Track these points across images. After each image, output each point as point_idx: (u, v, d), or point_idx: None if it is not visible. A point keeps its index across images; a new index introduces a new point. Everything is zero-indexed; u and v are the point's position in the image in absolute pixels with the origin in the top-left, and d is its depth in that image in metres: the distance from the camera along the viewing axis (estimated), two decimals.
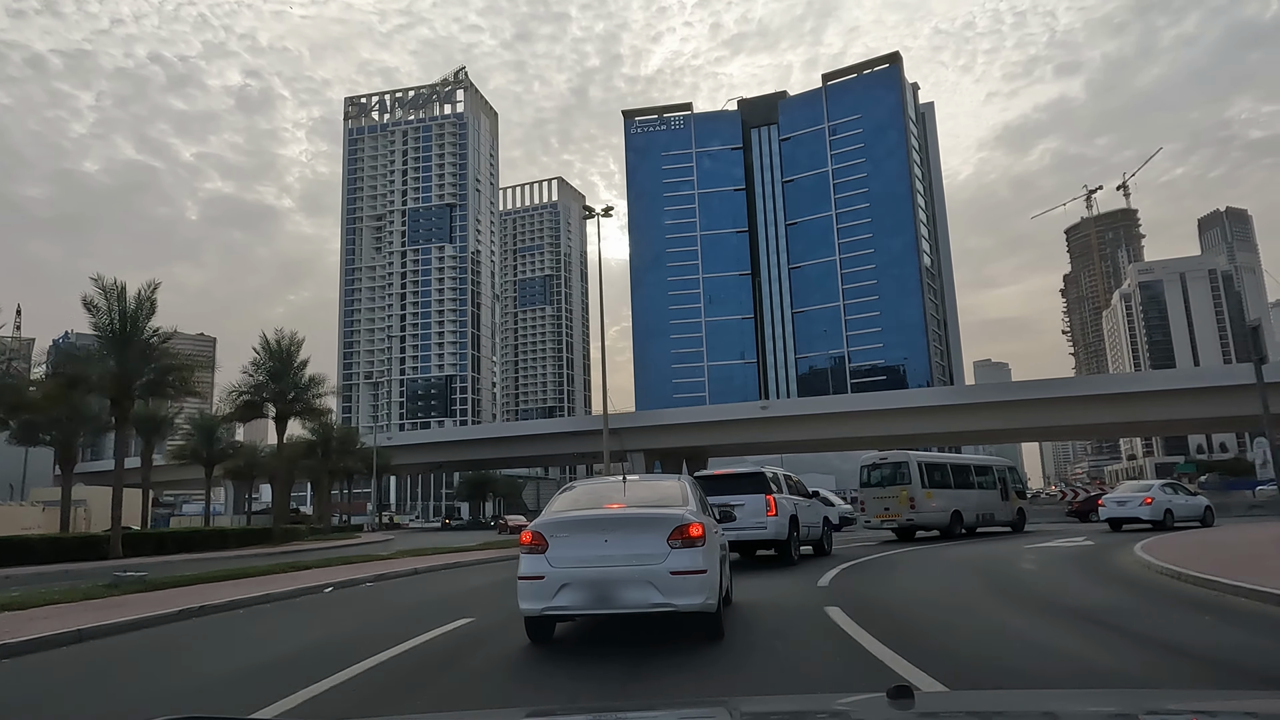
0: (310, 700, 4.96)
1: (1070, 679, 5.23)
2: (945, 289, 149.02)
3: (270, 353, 31.53)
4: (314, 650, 7.07)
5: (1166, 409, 49.38)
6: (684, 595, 6.05)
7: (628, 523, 6.43)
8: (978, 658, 5.99)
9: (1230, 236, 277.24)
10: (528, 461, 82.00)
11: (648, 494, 7.33)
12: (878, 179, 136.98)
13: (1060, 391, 53.75)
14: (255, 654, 7.19)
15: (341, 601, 10.75)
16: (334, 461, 47.50)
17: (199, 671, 6.41)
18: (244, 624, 9.15)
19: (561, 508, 6.90)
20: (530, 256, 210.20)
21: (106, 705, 5.49)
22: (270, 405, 31.38)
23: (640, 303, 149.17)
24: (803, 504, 15.88)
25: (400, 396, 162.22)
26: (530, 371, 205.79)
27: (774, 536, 14.24)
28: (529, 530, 6.48)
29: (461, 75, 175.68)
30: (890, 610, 8.39)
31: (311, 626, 8.90)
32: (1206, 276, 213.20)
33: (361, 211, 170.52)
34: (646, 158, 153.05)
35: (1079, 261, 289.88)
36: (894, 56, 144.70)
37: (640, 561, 6.09)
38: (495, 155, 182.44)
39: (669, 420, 64.81)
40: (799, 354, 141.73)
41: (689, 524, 6.26)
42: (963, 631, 7.16)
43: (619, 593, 6.05)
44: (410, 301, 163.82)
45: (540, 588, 6.17)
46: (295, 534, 38.62)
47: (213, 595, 10.76)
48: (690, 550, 6.15)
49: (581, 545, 6.21)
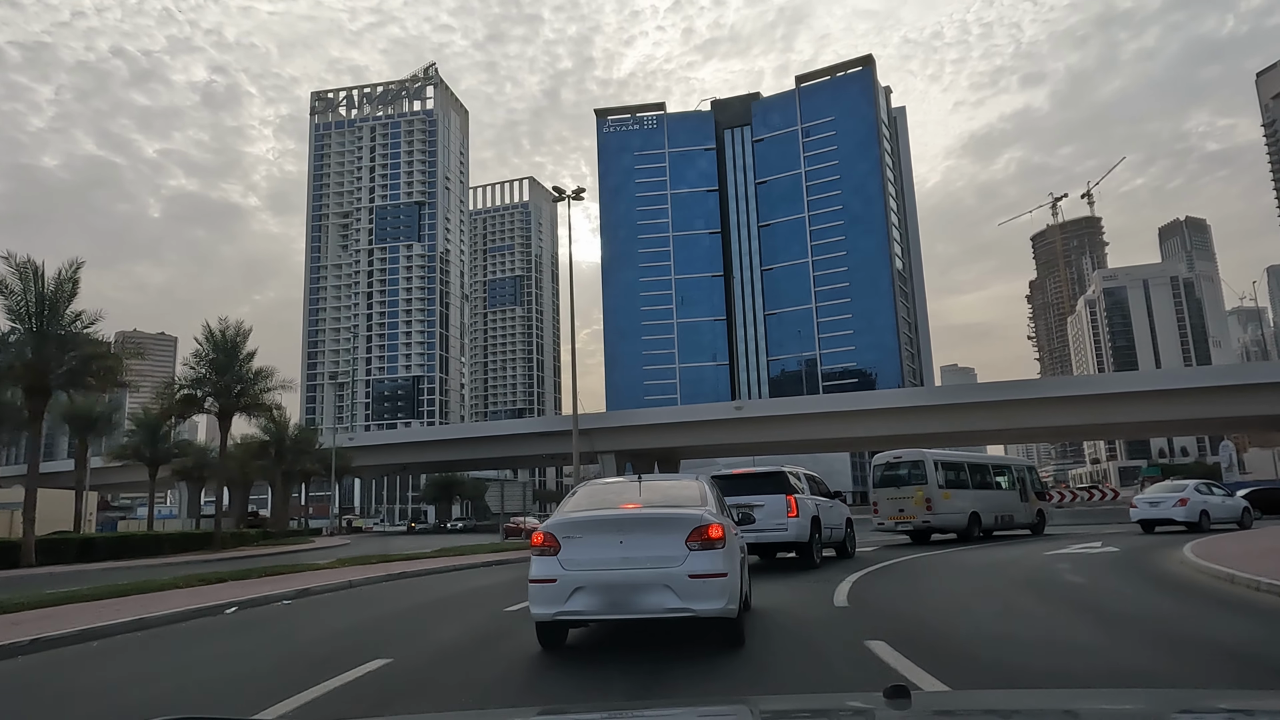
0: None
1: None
2: (916, 293, 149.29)
3: (214, 343, 29.12)
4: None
5: (1133, 411, 49.54)
6: (703, 600, 5.78)
7: (644, 523, 6.15)
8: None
9: (1190, 245, 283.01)
10: (495, 463, 79.83)
11: (664, 493, 6.96)
12: (850, 181, 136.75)
13: (1031, 393, 53.69)
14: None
15: (235, 628, 8.75)
16: (289, 462, 45.00)
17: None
18: (73, 666, 6.85)
19: (574, 507, 6.62)
20: (501, 256, 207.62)
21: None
22: (213, 400, 29.06)
23: (611, 303, 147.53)
24: (825, 504, 15.23)
25: (366, 398, 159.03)
26: (500, 373, 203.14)
27: (795, 539, 13.73)
28: (540, 531, 6.22)
29: (431, 71, 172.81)
30: (934, 622, 7.64)
31: (154, 670, 6.61)
32: (1169, 283, 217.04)
33: (328, 209, 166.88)
34: (619, 157, 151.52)
35: (1044, 268, 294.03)
36: (867, 59, 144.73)
37: (657, 564, 5.84)
38: (465, 153, 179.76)
39: (641, 420, 63.18)
40: (771, 356, 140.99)
41: (709, 525, 5.99)
42: (1021, 650, 6.25)
43: (635, 597, 5.81)
44: (377, 301, 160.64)
45: (552, 591, 5.91)
46: (244, 539, 36.35)
47: (60, 623, 8.47)
48: (710, 552, 5.89)
49: (595, 547, 5.97)
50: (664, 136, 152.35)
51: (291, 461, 45.28)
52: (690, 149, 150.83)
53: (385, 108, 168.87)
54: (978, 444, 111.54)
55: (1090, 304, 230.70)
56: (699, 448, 65.23)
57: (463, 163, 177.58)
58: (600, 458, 62.20)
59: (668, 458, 68.13)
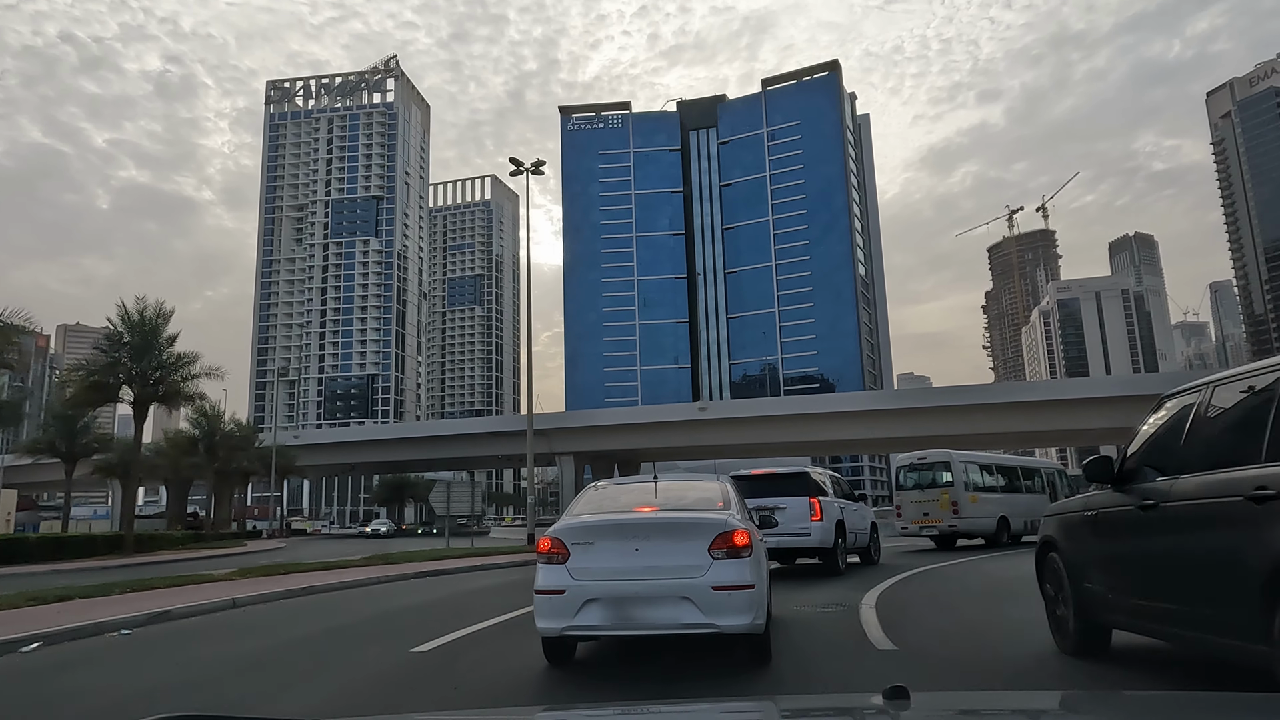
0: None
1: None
2: (877, 300, 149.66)
3: (129, 325, 26.18)
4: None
5: (1088, 417, 49.84)
6: (728, 614, 5.27)
7: (663, 529, 5.69)
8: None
9: (1138, 260, 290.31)
10: (449, 464, 77.03)
11: (683, 496, 6.51)
12: (815, 185, 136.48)
13: (991, 398, 54.00)
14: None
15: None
16: (223, 460, 41.86)
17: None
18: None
19: (584, 510, 6.14)
20: (461, 255, 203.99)
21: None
22: (126, 388, 26.13)
23: (573, 303, 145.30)
24: (850, 508, 14.57)
25: (318, 396, 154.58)
26: (458, 373, 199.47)
27: (819, 544, 13.02)
28: (546, 536, 5.70)
29: (392, 64, 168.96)
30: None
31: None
32: (1120, 296, 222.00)
33: (281, 201, 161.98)
34: (583, 156, 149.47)
35: (1000, 279, 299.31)
36: (833, 65, 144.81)
37: (678, 574, 5.35)
38: (426, 148, 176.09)
39: (601, 421, 61.07)
40: (733, 360, 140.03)
41: (734, 531, 5.52)
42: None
43: (652, 611, 5.32)
44: (332, 297, 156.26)
45: (560, 604, 5.40)
46: (166, 542, 33.32)
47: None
48: (736, 561, 5.41)
49: (609, 555, 5.47)
50: (629, 136, 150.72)
51: (225, 459, 42.17)
52: (655, 150, 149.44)
53: (344, 99, 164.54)
54: (940, 447, 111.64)
55: (1044, 314, 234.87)
56: (661, 450, 63.34)
57: (423, 158, 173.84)
58: (558, 459, 60.02)
59: (628, 460, 66.12)
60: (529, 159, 26.91)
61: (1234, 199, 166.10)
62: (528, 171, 25.84)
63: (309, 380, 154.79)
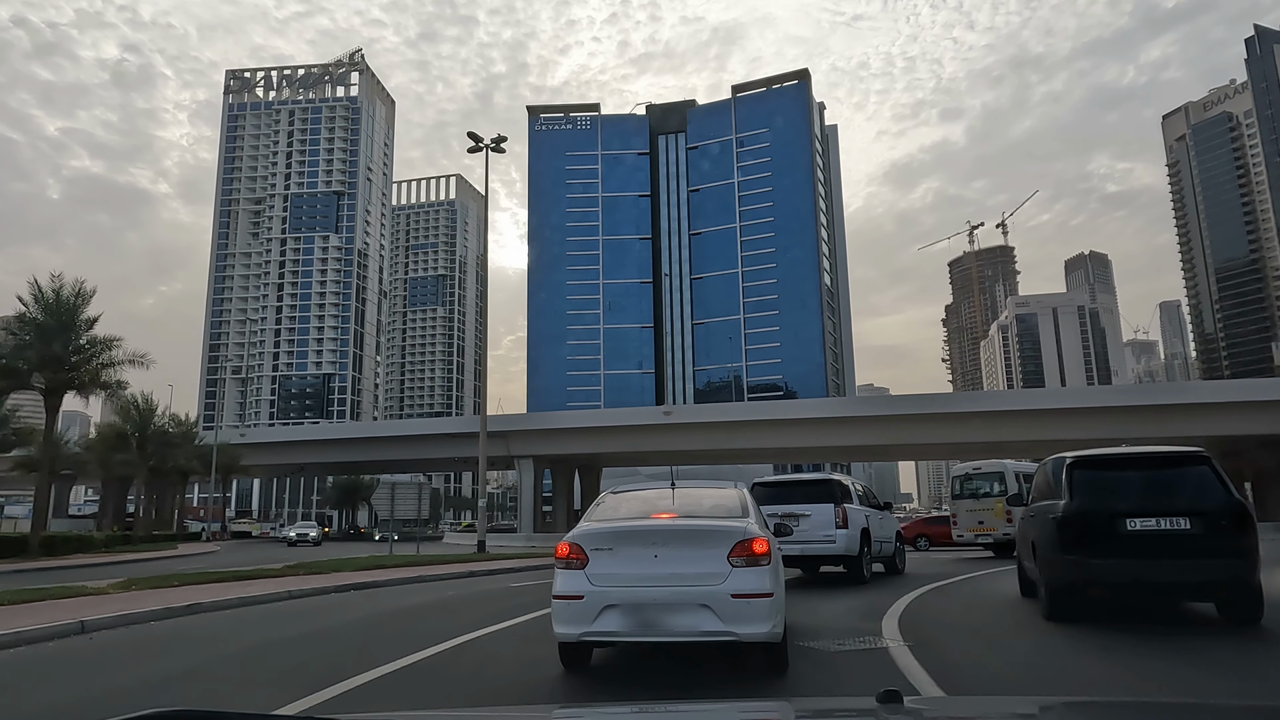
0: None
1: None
2: (842, 310, 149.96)
3: (43, 305, 23.62)
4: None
5: (1048, 428, 49.92)
6: (747, 622, 5.30)
7: (683, 536, 5.66)
8: None
9: (1093, 278, 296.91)
10: (404, 466, 74.48)
11: (701, 503, 6.41)
12: (782, 193, 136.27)
13: (953, 407, 54.22)
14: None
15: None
16: (156, 456, 39.08)
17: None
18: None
19: (603, 516, 6.15)
20: (423, 254, 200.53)
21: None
22: (38, 375, 23.57)
23: (537, 305, 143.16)
24: (875, 516, 14.38)
25: (272, 395, 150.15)
26: (418, 374, 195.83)
27: (844, 552, 12.82)
28: (565, 541, 5.72)
29: (357, 57, 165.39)
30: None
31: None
32: (1076, 312, 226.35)
33: (239, 194, 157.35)
34: (550, 157, 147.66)
35: (960, 293, 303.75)
36: (802, 74, 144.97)
37: (697, 581, 5.36)
38: (390, 145, 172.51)
39: (562, 424, 59.24)
40: (697, 366, 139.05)
41: (754, 539, 5.56)
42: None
43: (671, 618, 5.32)
44: (288, 294, 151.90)
45: (579, 609, 5.43)
46: (86, 543, 30.67)
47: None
48: (755, 570, 5.45)
49: (627, 561, 5.49)
50: (597, 138, 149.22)
51: (160, 456, 39.43)
52: (623, 152, 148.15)
53: (306, 92, 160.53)
54: (897, 458, 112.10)
55: (1003, 329, 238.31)
56: (623, 455, 61.76)
57: (387, 154, 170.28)
58: (517, 463, 58.07)
59: (590, 465, 64.41)
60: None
61: (1187, 220, 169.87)
62: (487, 148, 24.12)
63: (262, 379, 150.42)
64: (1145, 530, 7.48)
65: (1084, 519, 7.73)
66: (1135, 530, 7.50)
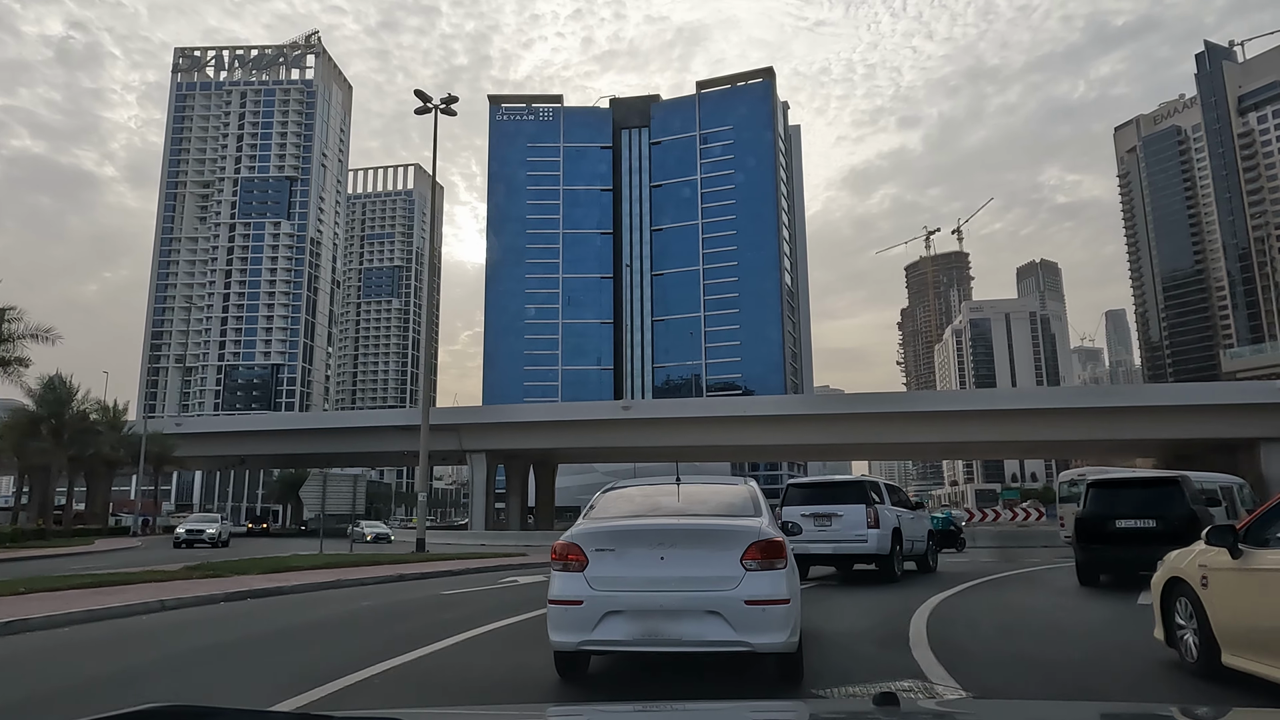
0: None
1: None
2: (801, 311, 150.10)
3: None
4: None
5: (1002, 429, 49.98)
6: (762, 631, 4.92)
7: (692, 536, 5.26)
8: None
9: (1043, 286, 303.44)
10: (351, 459, 71.81)
11: (710, 500, 6.09)
12: (745, 191, 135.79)
13: (912, 406, 54.23)
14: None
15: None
16: (72, 444, 36.29)
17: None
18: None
19: (604, 514, 5.75)
20: (380, 245, 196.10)
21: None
22: None
23: (495, 299, 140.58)
24: (906, 516, 14.73)
25: (217, 385, 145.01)
26: (371, 367, 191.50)
27: (875, 551, 13.21)
28: (562, 541, 5.31)
29: (314, 40, 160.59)
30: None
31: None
32: (1028, 318, 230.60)
33: (186, 176, 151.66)
34: (511, 147, 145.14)
35: (916, 297, 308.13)
36: (767, 72, 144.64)
37: (707, 586, 4.99)
38: (347, 131, 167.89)
39: (517, 417, 57.40)
40: (656, 363, 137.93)
41: (770, 540, 5.17)
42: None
43: (678, 625, 4.95)
44: (236, 280, 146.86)
45: (577, 615, 5.05)
46: None
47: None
48: (771, 574, 5.06)
49: (631, 563, 5.11)
50: (559, 130, 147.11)
51: (80, 445, 36.69)
52: (586, 145, 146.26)
53: (259, 73, 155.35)
54: (856, 458, 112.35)
55: (957, 333, 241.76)
56: (580, 450, 60.13)
57: (343, 141, 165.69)
58: (469, 458, 56.11)
59: (545, 460, 62.71)
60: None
61: (1136, 229, 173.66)
62: (436, 109, 22.38)
63: (208, 369, 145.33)
64: (1126, 528, 11.55)
65: (1090, 521, 12.00)
66: (1120, 528, 11.57)
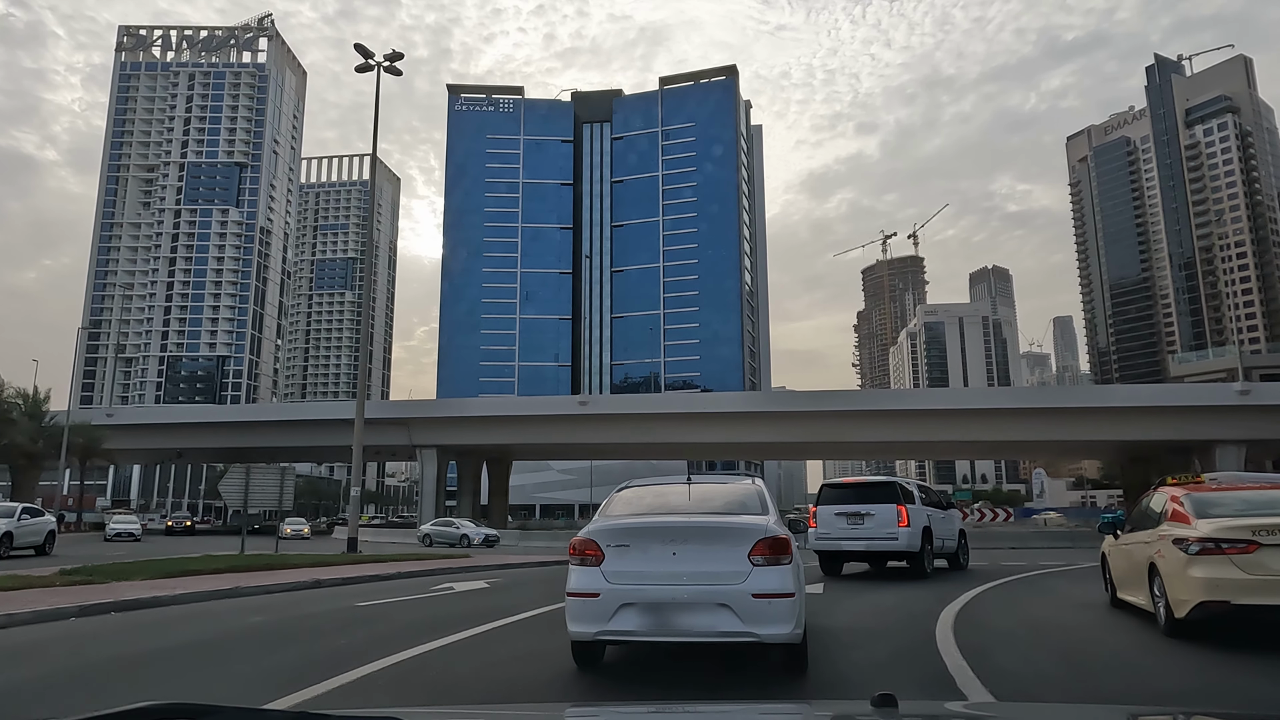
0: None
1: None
2: (760, 312, 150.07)
3: None
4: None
5: (958, 429, 49.96)
6: (768, 623, 5.24)
7: (702, 533, 5.61)
8: None
9: (995, 291, 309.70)
10: (296, 453, 69.06)
11: (719, 499, 6.40)
12: (707, 189, 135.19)
13: (871, 404, 54.36)
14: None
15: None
16: None
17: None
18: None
19: (618, 511, 6.09)
20: (333, 235, 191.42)
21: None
22: None
23: (451, 292, 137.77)
24: (937, 515, 15.01)
25: (159, 377, 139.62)
26: (322, 361, 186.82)
27: (906, 548, 13.64)
28: (580, 537, 5.65)
29: (266, 23, 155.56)
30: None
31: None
32: (980, 322, 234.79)
33: (129, 159, 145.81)
34: (471, 139, 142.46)
35: (872, 300, 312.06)
36: (731, 69, 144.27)
37: (716, 580, 5.32)
38: (300, 118, 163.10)
39: (470, 411, 55.53)
40: (615, 360, 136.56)
41: (775, 537, 5.48)
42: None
43: (689, 617, 5.28)
44: (181, 269, 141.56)
45: (594, 607, 5.39)
46: None
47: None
48: (777, 569, 5.37)
49: (645, 558, 5.42)
50: (520, 123, 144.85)
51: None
52: (547, 139, 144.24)
53: (209, 55, 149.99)
54: (814, 456, 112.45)
55: (912, 336, 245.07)
56: (536, 447, 58.40)
57: (296, 128, 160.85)
58: (420, 453, 54.15)
59: (500, 456, 60.91)
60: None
61: (1086, 237, 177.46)
62: (379, 66, 20.72)
63: (149, 359, 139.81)
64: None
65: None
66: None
